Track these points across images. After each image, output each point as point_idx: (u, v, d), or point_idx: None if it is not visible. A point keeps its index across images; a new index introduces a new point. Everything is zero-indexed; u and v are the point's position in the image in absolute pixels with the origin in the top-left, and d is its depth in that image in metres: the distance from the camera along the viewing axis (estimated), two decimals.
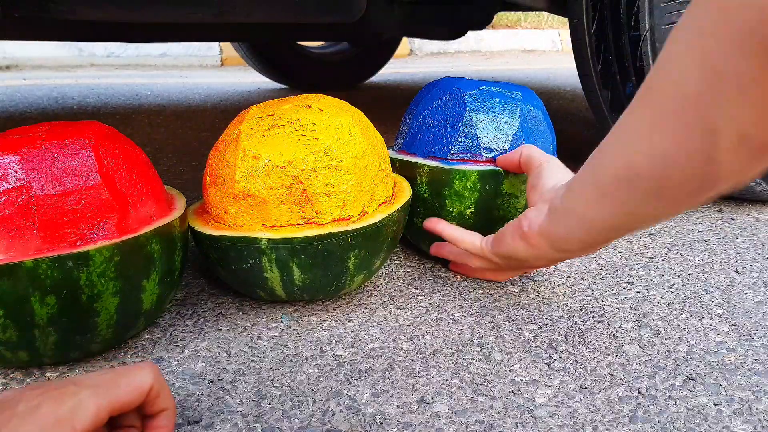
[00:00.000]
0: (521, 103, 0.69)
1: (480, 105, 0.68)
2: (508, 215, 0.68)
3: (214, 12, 0.99)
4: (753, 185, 0.91)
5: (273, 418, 0.45)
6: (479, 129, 0.67)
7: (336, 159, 0.55)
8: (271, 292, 0.59)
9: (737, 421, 0.46)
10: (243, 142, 0.55)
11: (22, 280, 0.44)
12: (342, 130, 0.57)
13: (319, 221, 0.55)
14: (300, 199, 0.55)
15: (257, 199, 0.55)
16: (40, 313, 0.45)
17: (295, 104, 0.59)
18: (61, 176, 0.47)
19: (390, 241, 0.61)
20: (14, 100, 2.02)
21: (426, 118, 0.71)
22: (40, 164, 0.46)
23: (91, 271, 0.46)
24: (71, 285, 0.46)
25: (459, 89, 0.69)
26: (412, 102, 0.76)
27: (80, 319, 0.48)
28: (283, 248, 0.54)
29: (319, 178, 0.55)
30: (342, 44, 2.39)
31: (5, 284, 0.44)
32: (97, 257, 0.46)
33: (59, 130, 0.50)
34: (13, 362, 0.49)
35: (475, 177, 0.66)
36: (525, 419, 0.45)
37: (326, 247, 0.55)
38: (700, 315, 0.62)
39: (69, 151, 0.48)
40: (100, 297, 0.47)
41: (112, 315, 0.49)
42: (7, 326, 0.45)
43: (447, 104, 0.70)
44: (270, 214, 0.55)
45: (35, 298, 0.45)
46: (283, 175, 0.54)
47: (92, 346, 0.50)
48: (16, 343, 0.47)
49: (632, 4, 0.88)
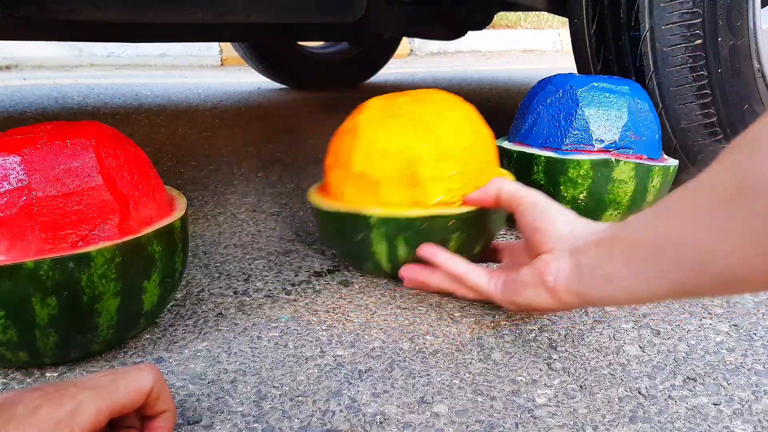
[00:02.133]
0: (629, 96, 0.76)
1: (591, 100, 0.76)
2: (617, 199, 0.75)
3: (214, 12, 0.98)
4: None
5: (273, 418, 0.45)
6: (591, 122, 0.75)
7: (446, 148, 0.60)
8: (377, 265, 0.64)
9: (737, 421, 0.46)
10: (363, 130, 0.62)
11: (24, 281, 0.44)
12: (453, 122, 0.62)
13: (425, 203, 0.60)
14: (410, 182, 0.60)
15: (371, 180, 0.61)
16: (41, 314, 0.45)
17: (410, 98, 0.65)
18: (63, 177, 0.47)
19: (490, 229, 0.65)
20: (14, 100, 2.02)
21: (540, 113, 0.79)
22: (41, 165, 0.46)
23: (92, 272, 0.46)
24: (72, 286, 0.46)
25: (571, 86, 0.77)
26: (526, 98, 0.84)
27: (81, 319, 0.48)
28: (391, 224, 0.60)
29: (428, 164, 0.60)
30: (342, 44, 2.39)
31: (6, 285, 0.44)
32: (99, 258, 0.46)
33: (60, 131, 0.50)
34: (13, 362, 0.49)
35: (588, 165, 0.74)
36: (525, 419, 0.45)
37: (431, 226, 0.59)
38: (700, 315, 0.62)
39: (70, 151, 0.48)
40: (101, 298, 0.47)
41: (112, 316, 0.49)
42: (8, 327, 0.45)
43: (560, 100, 0.77)
44: (382, 193, 0.61)
45: (36, 299, 0.45)
46: (396, 161, 0.60)
47: (92, 346, 0.51)
48: (17, 344, 0.47)
49: (632, 4, 0.88)
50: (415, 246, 0.60)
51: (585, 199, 0.75)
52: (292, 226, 0.87)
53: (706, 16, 0.82)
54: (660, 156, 0.79)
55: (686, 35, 0.83)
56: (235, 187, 1.07)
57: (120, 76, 2.82)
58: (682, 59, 0.84)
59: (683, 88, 0.85)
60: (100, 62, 3.30)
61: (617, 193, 0.74)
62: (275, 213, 0.93)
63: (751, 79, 0.86)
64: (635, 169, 0.73)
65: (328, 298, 0.65)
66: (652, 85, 0.87)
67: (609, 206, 0.75)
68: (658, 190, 0.76)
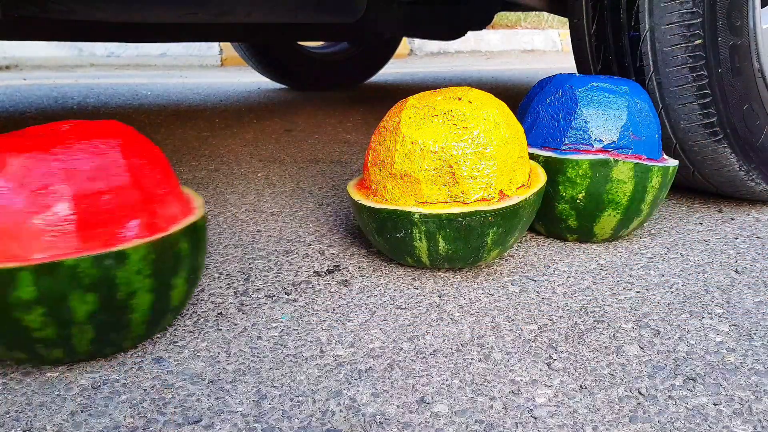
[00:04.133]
0: (629, 96, 0.76)
1: (590, 100, 0.76)
2: (616, 198, 0.75)
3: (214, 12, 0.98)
4: (753, 185, 0.91)
5: (273, 418, 0.45)
6: (590, 122, 0.75)
7: (482, 146, 0.63)
8: (417, 260, 0.68)
9: (737, 421, 0.46)
10: (403, 129, 0.65)
11: (64, 278, 0.45)
12: (489, 120, 0.65)
13: (464, 200, 0.64)
14: (449, 180, 0.63)
15: (412, 179, 0.64)
16: (79, 311, 0.46)
17: (446, 96, 0.67)
18: (94, 176, 0.47)
19: (525, 222, 0.68)
20: (14, 100, 2.02)
21: (540, 112, 0.79)
22: (73, 164, 0.47)
23: (128, 269, 0.47)
24: (109, 282, 0.47)
25: (571, 86, 0.77)
26: (526, 97, 0.85)
27: (117, 316, 0.49)
28: (432, 222, 0.63)
29: (466, 162, 0.63)
30: (342, 44, 2.39)
31: (47, 282, 0.44)
32: (134, 255, 0.47)
33: (81, 130, 0.50)
34: (46, 360, 0.49)
35: (586, 165, 0.74)
36: (525, 419, 0.45)
37: (469, 223, 0.63)
38: (700, 315, 0.62)
39: (100, 151, 0.49)
40: (135, 294, 0.49)
41: (145, 312, 0.50)
42: (47, 324, 0.46)
43: (560, 100, 0.78)
44: (422, 192, 0.64)
45: (75, 296, 0.45)
46: (435, 159, 0.63)
47: (125, 342, 0.52)
48: (54, 341, 0.48)
49: (632, 4, 0.88)
50: (454, 241, 0.64)
51: (584, 199, 0.75)
52: (292, 226, 0.87)
53: (706, 16, 0.82)
54: (660, 156, 0.79)
55: (686, 35, 0.83)
56: (235, 187, 1.07)
57: (120, 76, 2.82)
58: (682, 59, 0.84)
59: (683, 88, 0.85)
60: (100, 62, 3.30)
61: (616, 193, 0.74)
62: (275, 213, 0.93)
63: (751, 79, 0.86)
64: (634, 169, 0.73)
65: (328, 298, 0.65)
66: (652, 85, 0.87)
67: (608, 206, 0.75)
68: (658, 190, 0.76)
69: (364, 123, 1.69)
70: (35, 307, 0.45)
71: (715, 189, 0.95)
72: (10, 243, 0.44)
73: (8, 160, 0.45)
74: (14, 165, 0.45)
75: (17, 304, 0.44)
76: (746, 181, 0.90)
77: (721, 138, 0.86)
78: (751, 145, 0.88)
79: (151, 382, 0.50)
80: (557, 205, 0.77)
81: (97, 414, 0.45)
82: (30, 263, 0.43)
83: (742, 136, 0.87)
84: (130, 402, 0.47)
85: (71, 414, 0.45)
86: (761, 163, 0.89)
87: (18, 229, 0.44)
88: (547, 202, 0.77)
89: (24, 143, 0.47)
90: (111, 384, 0.49)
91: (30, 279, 0.44)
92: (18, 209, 0.44)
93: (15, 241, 0.44)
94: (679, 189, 1.06)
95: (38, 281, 0.44)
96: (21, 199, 0.44)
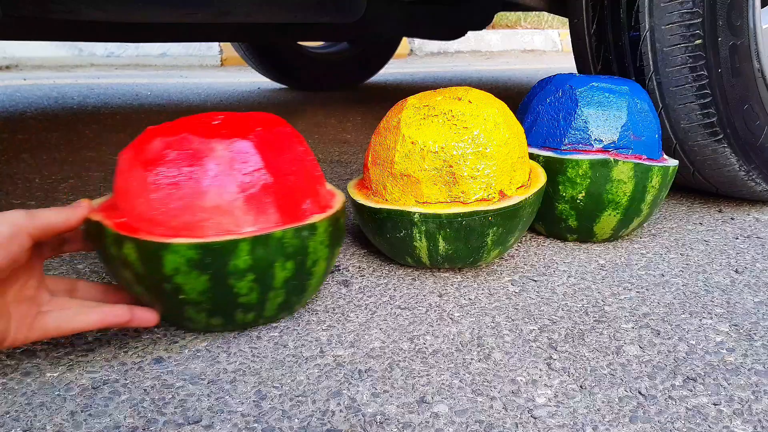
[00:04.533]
0: (629, 96, 0.76)
1: (590, 100, 0.76)
2: (616, 198, 0.75)
3: (214, 12, 0.98)
4: (753, 185, 0.91)
5: (273, 418, 0.45)
6: (590, 122, 0.75)
7: (483, 146, 0.63)
8: (417, 260, 0.68)
9: (737, 421, 0.46)
10: (403, 129, 0.65)
11: (273, 248, 0.51)
12: (489, 120, 0.65)
13: (464, 200, 0.64)
14: (449, 180, 0.63)
15: (413, 179, 0.64)
16: (279, 277, 0.52)
17: (446, 96, 0.67)
18: (285, 159, 0.54)
19: (525, 222, 0.68)
20: (14, 100, 2.02)
21: (540, 112, 0.79)
22: (267, 149, 0.53)
23: (316, 239, 0.54)
24: (303, 251, 0.53)
25: (571, 86, 0.77)
26: (526, 97, 0.84)
27: (303, 281, 0.55)
28: (432, 222, 0.63)
29: (467, 162, 0.63)
30: (342, 44, 2.39)
31: (259, 252, 0.50)
32: (320, 227, 0.54)
33: (239, 120, 0.55)
34: (236, 325, 0.55)
35: (586, 165, 0.74)
36: (525, 419, 0.45)
37: (469, 223, 0.63)
38: (700, 315, 0.62)
39: (280, 137, 0.55)
40: (317, 262, 0.55)
41: (319, 279, 0.57)
42: (253, 290, 0.52)
43: (560, 100, 0.78)
44: (422, 192, 0.64)
45: (279, 264, 0.52)
46: (435, 159, 0.63)
47: (296, 306, 0.58)
48: (252, 306, 0.53)
49: (632, 4, 0.88)
50: (454, 241, 0.64)
51: (584, 199, 0.75)
52: None
53: (706, 16, 0.82)
54: (660, 156, 0.79)
55: (686, 35, 0.83)
56: None
57: (120, 76, 2.82)
58: (682, 59, 0.84)
59: (683, 88, 0.85)
60: (100, 62, 3.30)
61: (616, 193, 0.74)
62: None
63: (751, 79, 0.86)
64: (634, 169, 0.73)
65: (328, 298, 0.65)
66: (652, 85, 0.87)
67: (608, 206, 0.75)
68: (658, 190, 0.76)
69: (364, 123, 1.69)
70: (248, 274, 0.51)
71: (715, 189, 0.95)
72: (222, 218, 0.50)
73: (215, 146, 0.51)
74: (221, 151, 0.51)
75: (233, 272, 0.50)
76: (746, 181, 0.90)
77: (721, 138, 0.86)
78: (751, 145, 0.88)
79: (151, 382, 0.50)
80: (557, 205, 0.77)
81: (97, 414, 0.45)
82: (248, 235, 0.49)
83: (742, 136, 0.87)
84: (130, 402, 0.47)
85: (71, 414, 0.45)
86: (761, 163, 0.89)
87: (230, 206, 0.50)
88: (547, 202, 0.77)
89: (217, 131, 0.52)
90: (111, 384, 0.49)
91: (247, 249, 0.50)
92: (229, 189, 0.50)
93: (227, 217, 0.50)
94: (679, 189, 1.06)
95: (253, 251, 0.50)
96: (232, 181, 0.50)
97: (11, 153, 1.28)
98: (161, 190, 0.49)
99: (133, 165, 0.51)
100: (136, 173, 0.51)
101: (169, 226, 0.49)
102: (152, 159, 0.50)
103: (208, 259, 0.49)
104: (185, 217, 0.49)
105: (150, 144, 0.51)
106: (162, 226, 0.49)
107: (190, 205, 0.49)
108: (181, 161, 0.50)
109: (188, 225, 0.49)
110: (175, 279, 0.49)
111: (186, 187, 0.49)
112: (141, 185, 0.50)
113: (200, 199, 0.49)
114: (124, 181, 0.52)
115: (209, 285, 0.50)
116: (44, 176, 1.10)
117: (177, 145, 0.50)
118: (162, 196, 0.49)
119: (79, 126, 1.60)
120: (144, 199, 0.50)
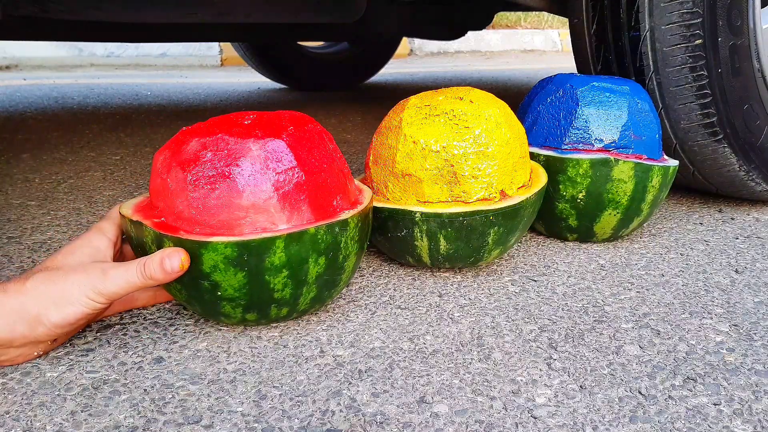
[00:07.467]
0: (629, 96, 0.76)
1: (591, 100, 0.76)
2: (617, 198, 0.75)
3: (214, 12, 0.98)
4: (753, 185, 0.91)
5: (273, 418, 0.45)
6: (591, 122, 0.75)
7: (484, 146, 0.63)
8: (418, 259, 0.68)
9: (737, 421, 0.46)
10: (404, 129, 0.65)
11: (306, 244, 0.52)
12: (490, 120, 0.65)
13: (465, 200, 0.64)
14: (450, 179, 0.63)
15: (414, 179, 0.64)
16: (311, 272, 0.53)
17: (448, 96, 0.67)
18: (314, 158, 0.54)
19: (526, 221, 0.68)
20: (14, 100, 2.02)
21: (541, 112, 0.79)
22: (299, 148, 0.53)
23: (347, 235, 0.55)
24: (336, 247, 0.54)
25: (572, 86, 0.77)
26: (526, 97, 0.84)
27: (334, 276, 0.56)
28: (433, 221, 0.63)
29: (468, 162, 0.63)
30: (342, 44, 2.39)
31: (294, 248, 0.51)
32: (351, 223, 0.55)
33: (270, 120, 0.56)
34: (270, 319, 0.56)
35: (587, 164, 0.73)
36: (525, 419, 0.45)
37: (470, 222, 0.63)
38: (700, 315, 0.62)
39: (312, 136, 0.55)
40: (348, 257, 0.56)
41: (349, 274, 0.58)
42: (287, 285, 0.53)
43: (560, 100, 0.78)
44: (424, 191, 0.64)
45: (312, 259, 0.53)
46: (437, 159, 0.63)
47: (327, 300, 0.58)
48: (286, 301, 0.54)
49: (632, 4, 0.88)
50: (455, 241, 0.64)
51: (584, 199, 0.75)
52: None
53: (706, 16, 0.82)
54: (660, 156, 0.79)
55: (686, 35, 0.83)
56: None
57: (120, 76, 2.82)
58: (682, 59, 0.84)
59: (683, 88, 0.85)
60: (100, 62, 3.30)
61: (616, 193, 0.74)
62: None
63: (751, 79, 0.86)
64: (635, 168, 0.73)
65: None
66: (652, 85, 0.87)
67: (608, 206, 0.75)
68: (658, 189, 0.76)
69: (364, 123, 1.69)
70: (282, 270, 0.52)
71: (715, 189, 0.95)
72: (258, 216, 0.51)
73: (251, 146, 0.51)
74: (257, 150, 0.51)
75: (269, 269, 0.51)
76: (746, 181, 0.90)
77: (721, 138, 0.86)
78: (751, 145, 0.88)
79: (151, 382, 0.50)
80: (557, 204, 0.77)
81: (97, 414, 0.45)
82: (283, 233, 0.50)
83: (742, 136, 0.87)
84: (130, 402, 0.47)
85: (71, 414, 0.45)
86: (761, 163, 0.89)
87: (266, 204, 0.51)
88: (547, 201, 0.77)
89: (251, 131, 0.53)
90: (111, 384, 0.49)
91: (282, 246, 0.51)
92: (265, 188, 0.51)
93: (263, 215, 0.51)
94: (679, 189, 1.06)
95: (288, 248, 0.51)
96: (267, 179, 0.51)
97: (11, 153, 1.28)
98: (199, 189, 0.51)
99: (170, 166, 0.52)
100: (174, 174, 0.52)
101: (207, 225, 0.51)
102: (190, 159, 0.51)
103: (245, 256, 0.50)
104: (223, 215, 0.51)
105: (187, 145, 0.52)
106: (200, 225, 0.51)
107: (227, 204, 0.50)
108: (218, 161, 0.51)
109: (225, 224, 0.51)
110: (213, 276, 0.51)
111: (223, 187, 0.50)
112: (179, 185, 0.51)
113: (237, 198, 0.50)
114: (161, 181, 0.53)
115: (245, 281, 0.51)
116: (44, 176, 1.10)
117: (213, 146, 0.52)
118: (200, 196, 0.51)
119: (79, 126, 1.60)
120: (182, 199, 0.51)
